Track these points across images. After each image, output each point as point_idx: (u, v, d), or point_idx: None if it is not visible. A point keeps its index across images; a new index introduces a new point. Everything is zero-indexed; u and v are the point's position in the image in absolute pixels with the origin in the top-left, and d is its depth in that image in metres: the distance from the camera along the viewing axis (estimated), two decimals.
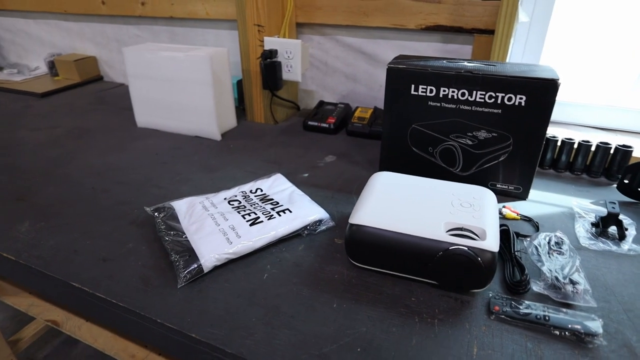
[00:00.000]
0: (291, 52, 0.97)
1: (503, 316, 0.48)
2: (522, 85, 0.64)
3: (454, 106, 0.70)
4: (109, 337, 0.95)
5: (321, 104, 1.09)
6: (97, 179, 0.81)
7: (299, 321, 0.49)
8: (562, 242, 0.58)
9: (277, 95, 1.04)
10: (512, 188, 0.73)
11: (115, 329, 0.85)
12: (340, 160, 0.88)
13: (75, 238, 0.64)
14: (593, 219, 0.65)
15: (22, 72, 1.51)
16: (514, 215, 0.67)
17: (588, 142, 0.78)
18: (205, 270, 0.55)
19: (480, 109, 0.68)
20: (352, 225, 0.53)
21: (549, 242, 0.58)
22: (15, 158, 0.91)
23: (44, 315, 1.05)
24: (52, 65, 1.46)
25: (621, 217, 0.63)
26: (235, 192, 0.71)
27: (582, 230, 0.64)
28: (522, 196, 0.73)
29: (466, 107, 0.69)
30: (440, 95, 0.70)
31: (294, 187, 0.73)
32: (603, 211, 0.64)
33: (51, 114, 1.18)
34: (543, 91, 0.64)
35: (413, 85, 0.71)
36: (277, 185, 0.73)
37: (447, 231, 0.52)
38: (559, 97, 0.65)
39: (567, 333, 0.46)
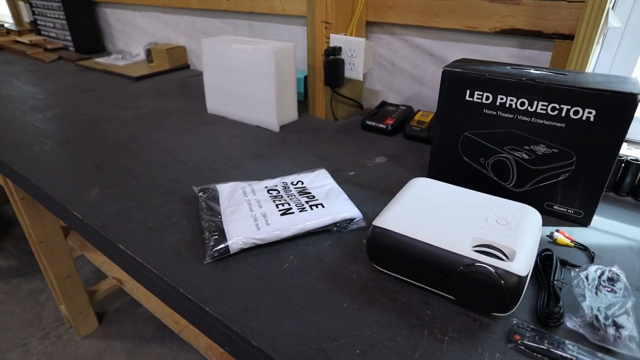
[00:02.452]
0: (355, 51, 0.96)
1: (522, 347, 0.44)
2: (591, 98, 0.57)
3: (511, 116, 0.64)
4: (158, 301, 1.04)
5: (383, 104, 1.07)
6: (162, 156, 0.89)
7: (306, 313, 0.49)
8: (617, 278, 0.51)
9: (338, 93, 1.05)
10: (572, 212, 0.65)
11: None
12: (390, 162, 0.87)
13: (131, 207, 0.71)
14: None
15: (125, 58, 1.70)
16: (566, 241, 0.61)
17: None
18: (232, 251, 0.58)
19: (541, 121, 0.62)
20: (375, 227, 0.52)
21: (600, 276, 0.52)
22: (102, 132, 1.03)
23: (112, 272, 1.19)
24: (148, 53, 1.63)
25: None
26: (277, 182, 0.74)
27: None
28: (584, 222, 0.65)
29: (525, 118, 0.63)
30: (497, 103, 0.65)
31: (334, 184, 0.73)
32: None
33: (140, 96, 1.32)
34: (617, 106, 0.56)
35: (468, 91, 0.67)
36: (319, 180, 0.74)
37: (473, 246, 0.48)
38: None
39: None
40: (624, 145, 0.83)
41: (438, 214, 0.54)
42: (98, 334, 1.42)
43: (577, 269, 0.53)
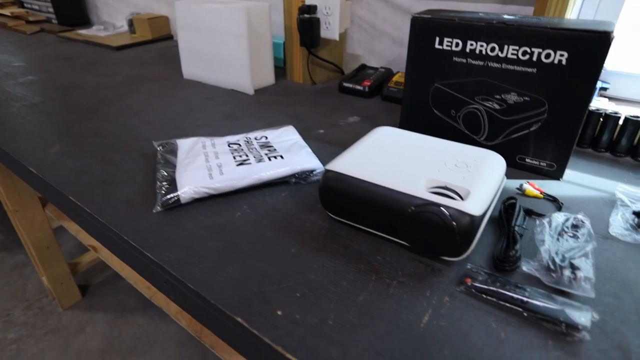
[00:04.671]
0: (330, 9, 0.93)
1: (473, 290, 0.41)
2: (563, 39, 0.54)
3: (481, 63, 0.61)
4: (131, 269, 1.02)
5: (363, 67, 1.04)
6: (130, 117, 0.86)
7: (252, 259, 0.47)
8: (581, 225, 0.48)
9: (314, 54, 1.01)
10: (544, 165, 0.62)
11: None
12: (363, 122, 0.83)
13: (89, 163, 0.68)
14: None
15: (107, 29, 1.66)
16: (535, 192, 0.58)
17: None
18: (183, 201, 0.55)
19: (512, 67, 0.59)
20: (327, 171, 0.50)
21: (564, 223, 0.49)
22: (73, 96, 1.00)
23: (87, 241, 1.17)
24: (131, 24, 1.58)
25: None
26: (240, 137, 0.71)
27: (619, 219, 0.53)
28: (556, 175, 0.62)
29: (495, 65, 0.60)
30: (467, 50, 0.61)
31: (299, 139, 0.70)
32: None
33: (118, 64, 1.29)
34: (590, 46, 0.53)
35: (438, 38, 0.63)
36: (285, 136, 0.71)
37: (428, 188, 0.46)
38: (621, 67, 0.53)
39: (545, 321, 0.38)
40: (605, 100, 0.79)
41: (395, 158, 0.51)
42: (81, 306, 1.42)
43: (542, 218, 0.51)
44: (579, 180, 0.62)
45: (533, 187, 0.59)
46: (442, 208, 0.42)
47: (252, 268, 0.45)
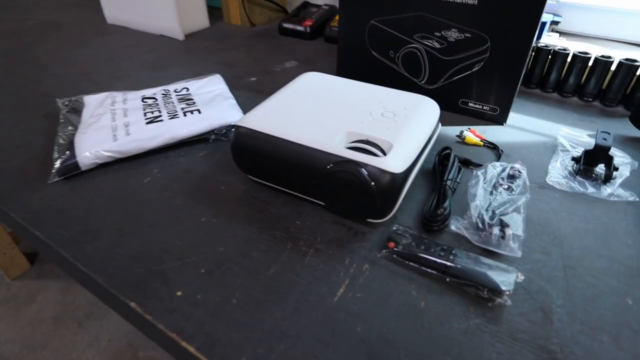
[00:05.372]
0: None
1: (395, 256, 0.38)
2: None
3: None
4: None
5: (305, 5, 0.94)
6: (36, 70, 0.75)
7: (155, 231, 0.41)
8: (518, 175, 0.45)
9: None
10: (488, 109, 0.58)
11: None
12: (301, 66, 0.76)
13: None
14: (579, 154, 0.50)
15: None
16: (475, 140, 0.54)
17: (607, 57, 0.59)
18: (83, 167, 0.48)
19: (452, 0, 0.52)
20: (238, 127, 0.43)
21: (500, 174, 0.45)
22: None
23: None
24: None
25: (614, 153, 0.48)
26: (157, 90, 0.62)
27: (558, 166, 0.49)
28: (499, 120, 0.58)
29: None
30: None
31: (225, 90, 0.63)
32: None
33: (32, 7, 1.13)
34: None
35: None
36: (209, 86, 0.63)
37: (348, 143, 0.40)
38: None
39: (468, 286, 0.35)
40: (556, 36, 0.74)
41: (315, 109, 0.45)
42: (30, 275, 1.35)
43: (478, 169, 0.47)
44: (523, 125, 0.58)
45: (474, 134, 0.54)
46: (359, 166, 0.37)
47: (154, 242, 0.40)
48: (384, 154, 0.39)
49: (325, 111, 0.44)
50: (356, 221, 0.42)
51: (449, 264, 0.36)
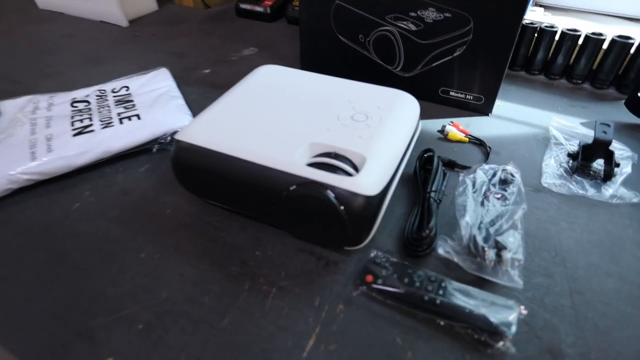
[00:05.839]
0: None
1: (374, 294, 0.31)
2: None
3: None
4: None
5: None
6: None
7: (83, 276, 0.34)
8: (511, 180, 0.39)
9: None
10: (471, 98, 0.52)
11: None
12: (261, 53, 0.67)
13: None
14: (574, 148, 0.45)
15: None
16: (460, 136, 0.47)
17: (599, 35, 0.53)
18: None
19: None
20: (178, 141, 0.36)
21: (490, 179, 0.39)
22: None
23: None
24: None
25: (615, 147, 0.43)
26: (91, 91, 0.53)
27: (552, 164, 0.44)
28: (485, 110, 0.52)
29: None
30: None
31: (172, 87, 0.54)
32: (591, 136, 0.43)
33: None
34: None
35: None
36: (153, 84, 0.55)
37: (312, 157, 0.33)
38: None
39: (461, 327, 0.29)
40: (540, 11, 0.68)
41: (272, 114, 0.37)
42: None
43: (464, 173, 0.41)
44: (511, 114, 0.52)
45: (457, 128, 0.48)
46: (325, 189, 0.30)
47: (82, 290, 0.33)
48: (356, 169, 0.32)
49: (284, 116, 0.37)
50: (327, 247, 0.36)
51: (438, 300, 0.30)
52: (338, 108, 0.38)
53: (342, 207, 0.30)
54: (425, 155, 0.42)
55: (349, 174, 0.31)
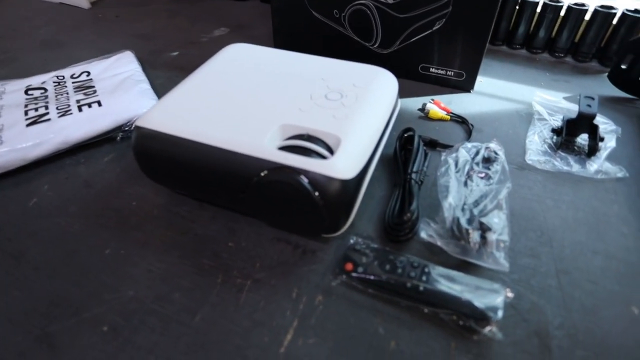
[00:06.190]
0: None
1: (355, 282, 0.30)
2: None
3: None
4: None
5: None
6: None
7: (42, 277, 0.31)
8: (494, 157, 0.38)
9: None
10: (452, 74, 0.50)
11: None
12: (233, 34, 0.64)
13: None
14: (558, 123, 0.44)
15: None
16: (441, 114, 0.46)
17: (581, 5, 0.52)
18: None
19: None
20: (138, 128, 0.33)
21: (474, 158, 0.38)
22: None
23: None
24: None
25: (599, 121, 0.41)
26: (49, 77, 0.50)
27: (536, 140, 0.43)
28: (466, 86, 0.50)
29: None
30: None
31: (136, 71, 0.51)
32: (575, 110, 0.42)
33: None
34: None
35: None
36: (115, 68, 0.51)
37: (283, 140, 0.31)
38: None
39: (445, 314, 0.28)
40: None
41: (241, 95, 0.35)
42: None
43: (447, 151, 0.39)
44: (493, 90, 0.50)
45: (438, 106, 0.46)
46: (298, 173, 0.28)
47: (41, 292, 0.30)
48: (331, 152, 0.30)
49: (253, 97, 0.34)
50: (303, 236, 0.34)
51: (422, 287, 0.28)
52: (311, 87, 0.35)
53: (316, 193, 0.28)
54: (405, 135, 0.40)
55: (323, 157, 0.29)
